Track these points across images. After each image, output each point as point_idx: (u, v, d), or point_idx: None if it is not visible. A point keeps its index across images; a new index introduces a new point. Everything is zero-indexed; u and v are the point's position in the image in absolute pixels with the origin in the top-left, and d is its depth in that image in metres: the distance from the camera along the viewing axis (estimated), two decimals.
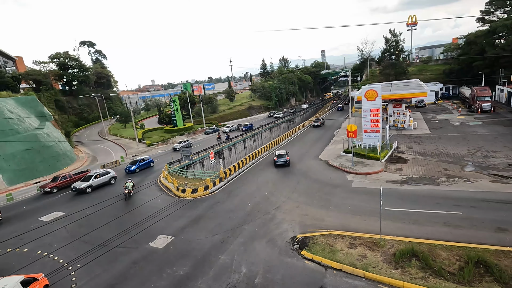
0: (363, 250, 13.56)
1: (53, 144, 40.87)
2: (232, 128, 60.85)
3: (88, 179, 27.75)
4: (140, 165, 34.38)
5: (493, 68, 53.44)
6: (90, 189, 27.16)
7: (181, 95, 76.31)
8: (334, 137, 41.16)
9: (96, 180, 28.07)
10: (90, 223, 19.50)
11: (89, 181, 27.51)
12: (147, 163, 35.37)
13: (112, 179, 29.70)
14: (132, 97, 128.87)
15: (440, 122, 42.06)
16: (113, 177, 29.90)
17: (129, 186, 23.49)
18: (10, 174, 33.55)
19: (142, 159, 35.25)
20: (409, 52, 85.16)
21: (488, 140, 30.31)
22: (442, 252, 12.72)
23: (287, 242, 15.22)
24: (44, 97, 57.06)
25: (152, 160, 36.36)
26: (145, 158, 35.67)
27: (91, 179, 27.70)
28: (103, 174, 29.13)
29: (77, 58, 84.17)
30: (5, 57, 72.35)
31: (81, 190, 26.76)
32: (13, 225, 21.61)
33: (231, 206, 20.82)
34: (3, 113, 37.20)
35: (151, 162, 36.05)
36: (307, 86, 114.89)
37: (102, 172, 29.22)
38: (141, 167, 34.50)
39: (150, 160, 35.96)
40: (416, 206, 17.55)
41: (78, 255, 15.36)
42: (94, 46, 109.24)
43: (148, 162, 35.58)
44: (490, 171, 22.15)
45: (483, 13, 60.04)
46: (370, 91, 29.04)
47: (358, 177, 24.19)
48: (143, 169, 34.67)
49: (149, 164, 35.53)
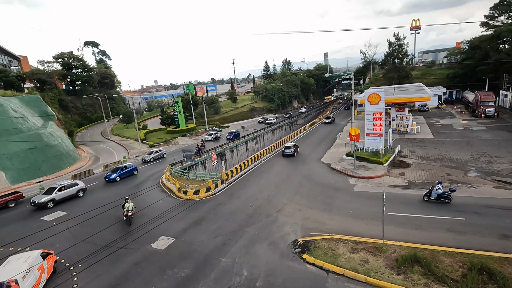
0: (365, 255, 13.49)
1: (56, 143, 41.07)
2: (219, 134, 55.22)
3: (51, 191, 24.66)
4: (121, 173, 31.46)
5: (497, 73, 53.20)
6: (52, 204, 24.12)
7: (184, 96, 76.56)
8: (336, 140, 41.09)
9: (60, 193, 24.91)
10: (92, 223, 19.53)
11: (51, 194, 24.38)
12: (130, 171, 32.52)
13: (80, 192, 26.56)
14: (135, 98, 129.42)
15: (443, 127, 41.90)
16: (82, 189, 26.75)
17: (129, 208, 19.42)
18: (14, 173, 33.72)
19: (124, 167, 32.27)
20: (412, 56, 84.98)
21: (491, 145, 30.14)
22: (445, 258, 12.63)
23: (289, 246, 15.17)
24: (48, 96, 57.40)
25: (135, 168, 33.60)
26: (127, 166, 32.72)
27: (54, 192, 24.57)
28: (69, 186, 25.96)
29: (81, 58, 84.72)
30: (10, 56, 72.94)
31: (40, 205, 23.69)
32: (16, 224, 21.71)
33: (233, 208, 20.80)
34: (7, 112, 37.46)
35: (134, 170, 33.25)
36: (309, 88, 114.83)
37: (68, 184, 26.09)
38: (123, 175, 31.59)
39: (133, 168, 33.13)
40: (419, 211, 17.46)
41: (80, 255, 15.43)
42: (98, 47, 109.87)
43: (131, 170, 32.74)
44: (493, 176, 22.02)
45: (487, 18, 59.89)
46: (373, 94, 28.99)
47: (361, 181, 24.11)
48: (125, 177, 31.78)
49: (131, 172, 32.70)
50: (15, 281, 12.14)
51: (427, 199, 18.68)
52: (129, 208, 19.38)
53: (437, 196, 18.22)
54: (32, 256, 13.75)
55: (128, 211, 19.27)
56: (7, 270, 12.90)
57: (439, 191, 18.19)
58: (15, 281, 12.14)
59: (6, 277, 12.29)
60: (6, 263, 13.58)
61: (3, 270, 12.96)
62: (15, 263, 13.36)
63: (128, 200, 19.85)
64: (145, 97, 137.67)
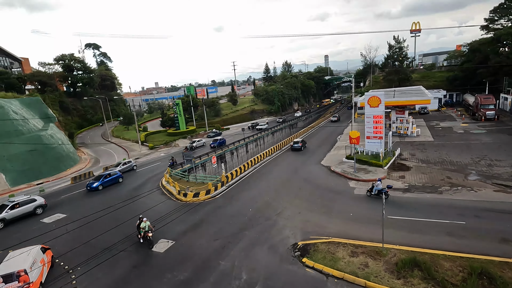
0: (365, 258, 13.45)
1: (57, 145, 41.11)
2: (199, 143, 49.37)
3: (1, 210, 21.81)
4: (104, 181, 29.50)
5: (497, 76, 53.20)
6: (1, 224, 21.41)
7: (184, 98, 76.67)
8: (336, 143, 41.08)
9: (12, 211, 22.02)
10: (91, 225, 19.48)
11: (1, 213, 21.54)
12: (114, 179, 30.52)
13: (39, 209, 23.63)
14: (135, 100, 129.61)
15: (443, 130, 41.88)
16: (40, 205, 23.82)
17: (145, 227, 16.82)
18: (14, 175, 33.73)
19: (108, 174, 30.37)
20: (412, 58, 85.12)
21: (492, 148, 30.11)
22: (445, 262, 12.59)
23: (288, 249, 15.13)
24: (48, 98, 57.50)
25: (120, 175, 31.43)
26: (111, 173, 30.75)
27: (5, 211, 21.66)
28: (24, 202, 22.95)
29: (82, 60, 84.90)
30: (12, 58, 73.20)
31: None
32: (16, 226, 21.70)
33: (232, 211, 20.78)
34: (8, 114, 37.52)
35: (119, 177, 31.19)
36: (310, 91, 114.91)
37: (23, 200, 23.05)
38: (106, 183, 29.61)
39: (117, 176, 31.11)
40: (419, 214, 17.41)
41: (79, 257, 15.39)
42: (99, 49, 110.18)
43: (115, 177, 30.76)
44: (494, 180, 21.97)
45: (487, 21, 59.98)
46: (373, 97, 29.01)
47: (361, 184, 24.07)
48: (109, 185, 29.83)
49: (116, 180, 30.68)
50: (24, 271, 12.78)
51: (369, 194, 20.75)
52: (146, 228, 16.60)
53: (377, 192, 20.13)
54: (34, 250, 14.38)
55: (146, 231, 16.53)
56: (13, 262, 13.51)
57: (379, 187, 20.31)
58: (24, 271, 12.77)
59: (13, 268, 12.97)
60: (9, 257, 14.11)
61: (8, 263, 13.57)
62: (19, 256, 13.83)
63: (143, 219, 16.98)
64: (145, 99, 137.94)
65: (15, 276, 12.64)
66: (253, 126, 66.12)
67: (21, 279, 12.59)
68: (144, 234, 16.67)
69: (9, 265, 13.34)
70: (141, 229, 16.79)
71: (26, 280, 12.66)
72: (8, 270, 12.99)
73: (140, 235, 16.90)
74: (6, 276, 12.68)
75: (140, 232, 16.85)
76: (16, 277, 12.61)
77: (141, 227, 16.81)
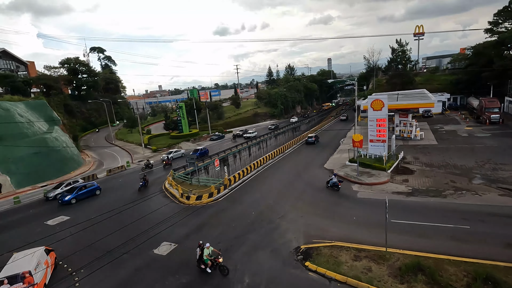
0: (368, 263, 13.36)
1: (61, 148, 41.45)
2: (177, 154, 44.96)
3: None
4: (78, 194, 26.74)
5: (501, 79, 52.87)
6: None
7: (188, 101, 77.07)
8: (339, 146, 40.97)
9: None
10: (95, 228, 19.58)
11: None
12: (90, 191, 27.78)
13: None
14: (139, 103, 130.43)
15: (447, 133, 41.64)
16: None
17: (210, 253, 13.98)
18: (18, 177, 34.02)
19: (83, 186, 27.62)
20: (415, 61, 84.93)
21: (496, 152, 29.87)
22: (449, 267, 12.47)
23: (291, 253, 15.08)
24: (53, 101, 58.06)
25: (98, 187, 28.66)
26: (87, 185, 28.11)
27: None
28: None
29: (87, 64, 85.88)
30: (18, 62, 74.13)
31: None
32: (19, 228, 21.87)
33: (235, 214, 20.77)
34: (13, 117, 37.97)
35: (96, 189, 28.42)
36: (313, 94, 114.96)
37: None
38: (81, 196, 26.86)
39: (95, 187, 28.39)
40: (423, 218, 17.29)
41: (82, 260, 15.44)
42: (103, 52, 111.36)
43: (92, 189, 28.02)
44: (498, 184, 21.77)
45: (491, 24, 59.76)
46: (376, 101, 28.97)
47: (364, 187, 23.97)
48: (84, 198, 27.03)
49: (93, 193, 27.96)
50: (29, 272, 12.97)
51: (327, 186, 23.95)
52: (211, 255, 13.97)
53: (332, 184, 23.47)
54: (38, 252, 14.57)
55: (215, 257, 13.82)
56: (18, 264, 13.68)
57: (333, 180, 23.53)
58: (29, 273, 12.96)
59: (18, 270, 13.11)
60: (13, 259, 14.30)
61: (13, 265, 13.71)
62: (23, 257, 14.03)
63: (206, 244, 14.08)
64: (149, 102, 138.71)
65: (20, 278, 12.76)
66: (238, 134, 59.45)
67: (25, 281, 12.71)
68: (213, 262, 13.85)
69: (14, 267, 13.46)
70: (205, 257, 13.86)
71: (31, 281, 12.78)
72: (13, 271, 13.10)
73: (206, 265, 13.90)
74: (11, 278, 12.80)
75: (205, 261, 13.86)
76: (21, 279, 12.73)
77: (205, 254, 13.87)
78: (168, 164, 39.01)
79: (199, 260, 14.05)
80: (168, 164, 39.01)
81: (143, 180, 28.82)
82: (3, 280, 12.67)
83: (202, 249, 13.98)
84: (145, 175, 27.78)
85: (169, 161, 39.75)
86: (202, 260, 13.93)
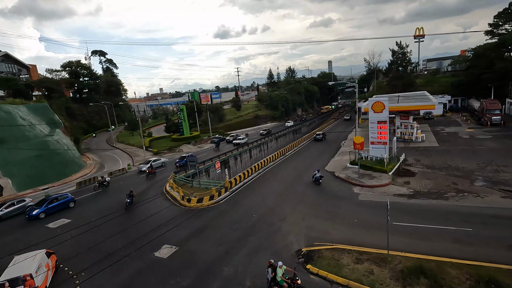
0: (369, 265, 13.29)
1: (62, 150, 41.54)
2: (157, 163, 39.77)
3: None
4: (48, 207, 24.31)
5: (502, 81, 52.86)
6: None
7: (189, 104, 77.22)
8: (340, 148, 40.94)
9: None
10: (96, 231, 19.58)
11: None
12: (62, 204, 25.32)
13: None
14: (140, 105, 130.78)
15: (448, 135, 41.56)
16: None
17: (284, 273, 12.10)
18: (20, 180, 34.07)
19: (55, 198, 25.17)
20: (416, 63, 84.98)
21: (498, 154, 29.77)
22: (452, 270, 12.39)
23: (292, 255, 15.03)
24: (55, 104, 58.31)
25: (71, 199, 26.14)
26: (59, 197, 25.57)
27: None
28: None
29: (88, 67, 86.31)
30: (20, 65, 74.51)
31: None
32: (20, 231, 21.88)
33: (236, 217, 20.72)
34: (15, 120, 38.12)
35: (70, 201, 25.94)
36: (313, 96, 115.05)
37: None
38: (51, 210, 24.42)
39: (68, 199, 25.90)
40: (425, 221, 17.21)
41: (83, 262, 15.45)
42: (105, 56, 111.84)
43: (65, 202, 25.55)
44: (501, 186, 21.69)
45: (491, 26, 59.86)
46: (377, 103, 28.97)
47: (365, 189, 23.90)
48: (55, 212, 24.56)
49: (66, 205, 25.55)
50: (30, 275, 12.97)
51: (313, 181, 26.30)
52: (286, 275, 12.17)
53: (315, 180, 26.04)
54: (39, 254, 14.59)
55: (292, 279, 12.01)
56: (19, 266, 13.71)
57: (316, 175, 26.11)
58: (30, 276, 12.97)
59: (19, 273, 13.15)
60: (14, 262, 14.27)
61: (14, 268, 13.74)
62: (24, 260, 14.09)
63: (278, 264, 12.07)
64: (150, 105, 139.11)
65: (21, 281, 12.80)
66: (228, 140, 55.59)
67: (26, 284, 12.73)
68: (290, 284, 11.90)
69: (15, 270, 13.48)
70: (280, 278, 11.85)
71: (32, 284, 12.80)
72: (14, 274, 13.12)
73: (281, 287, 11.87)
74: (12, 281, 12.83)
75: (280, 283, 11.82)
76: (22, 282, 12.77)
77: (279, 275, 11.84)
78: (151, 173, 35.64)
79: (272, 282, 12.06)
80: (151, 173, 35.64)
81: (130, 197, 25.07)
82: (4, 283, 12.70)
83: (274, 269, 12.02)
84: (132, 190, 25.37)
85: (153, 170, 36.40)
86: (276, 282, 11.89)
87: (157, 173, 36.68)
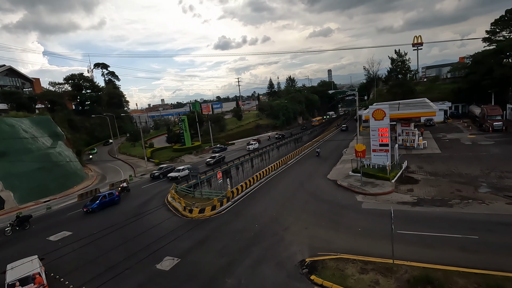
0: (375, 275, 13.04)
1: (64, 163, 41.63)
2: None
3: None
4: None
5: (502, 86, 53.00)
6: None
7: (190, 114, 77.69)
8: (342, 156, 40.80)
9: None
10: (97, 243, 19.39)
11: None
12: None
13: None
14: (142, 116, 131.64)
15: (450, 141, 41.42)
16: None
17: None
18: (22, 193, 34.05)
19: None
20: (415, 71, 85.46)
21: (501, 160, 29.56)
22: (459, 279, 12.13)
23: (296, 266, 14.78)
24: (58, 117, 58.87)
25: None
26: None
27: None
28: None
29: (91, 79, 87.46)
30: (24, 79, 75.67)
31: None
32: (21, 243, 21.70)
33: (238, 227, 20.52)
34: (18, 132, 38.40)
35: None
36: (314, 105, 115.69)
37: None
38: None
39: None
40: (429, 229, 16.95)
41: (84, 276, 15.23)
42: (107, 68, 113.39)
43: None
44: (505, 192, 21.43)
45: (489, 33, 60.51)
46: (377, 110, 29.03)
47: (368, 197, 23.69)
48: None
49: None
50: (38, 273, 13.57)
51: None
52: None
53: None
54: (35, 259, 15.14)
55: None
56: (23, 268, 13.97)
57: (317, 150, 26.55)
58: (39, 274, 13.57)
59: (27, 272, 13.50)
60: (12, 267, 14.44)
61: (18, 269, 13.96)
62: (23, 264, 14.41)
63: None
64: (152, 116, 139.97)
65: (31, 279, 13.17)
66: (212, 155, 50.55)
67: (36, 281, 13.26)
68: None
69: (21, 271, 13.80)
70: None
71: (41, 281, 13.38)
72: (22, 274, 13.47)
73: None
74: (22, 280, 13.24)
75: None
76: (32, 280, 13.15)
77: None
78: None
79: None
80: None
81: None
82: (15, 283, 13.02)
83: None
84: None
85: None
86: None
87: None
